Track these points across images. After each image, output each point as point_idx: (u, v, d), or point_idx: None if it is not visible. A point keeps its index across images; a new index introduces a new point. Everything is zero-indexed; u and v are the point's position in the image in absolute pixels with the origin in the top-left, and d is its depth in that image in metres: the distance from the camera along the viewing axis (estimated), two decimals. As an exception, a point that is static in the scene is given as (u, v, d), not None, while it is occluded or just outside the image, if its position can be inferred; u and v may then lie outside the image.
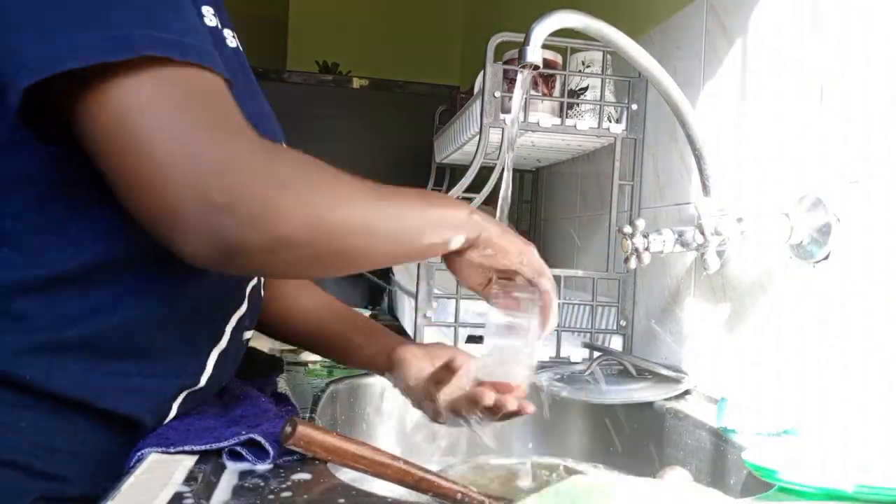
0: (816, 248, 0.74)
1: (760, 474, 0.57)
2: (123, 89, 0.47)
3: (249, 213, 0.48)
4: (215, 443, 0.56)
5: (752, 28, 0.88)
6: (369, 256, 0.59)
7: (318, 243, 0.53)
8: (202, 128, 0.48)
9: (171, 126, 0.47)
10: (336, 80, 2.03)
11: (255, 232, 0.49)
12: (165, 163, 0.47)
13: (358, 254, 0.57)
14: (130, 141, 0.47)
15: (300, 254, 0.52)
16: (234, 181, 0.48)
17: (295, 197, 0.51)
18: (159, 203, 0.48)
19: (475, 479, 0.88)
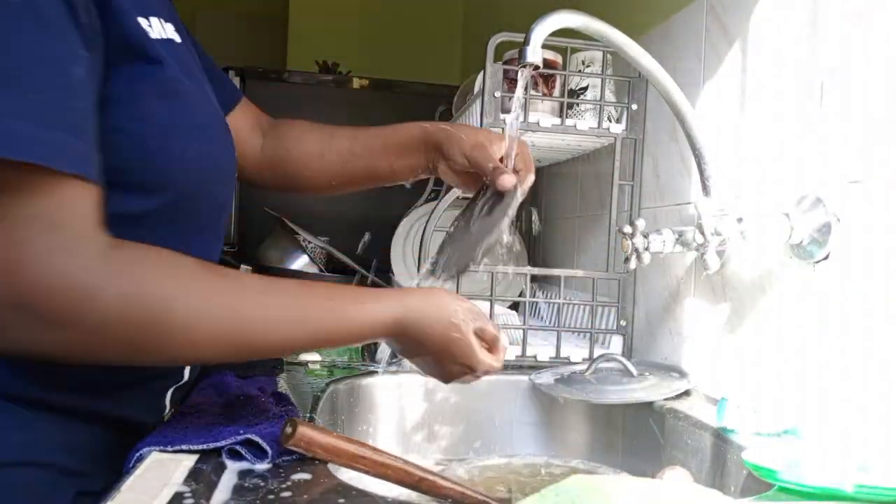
0: (816, 248, 0.74)
1: (760, 474, 0.56)
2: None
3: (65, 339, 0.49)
4: (213, 442, 0.56)
5: (752, 28, 0.88)
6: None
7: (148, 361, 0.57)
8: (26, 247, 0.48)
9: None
10: (336, 80, 2.03)
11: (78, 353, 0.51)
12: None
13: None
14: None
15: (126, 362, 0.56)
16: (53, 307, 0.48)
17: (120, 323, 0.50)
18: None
19: (475, 479, 0.88)
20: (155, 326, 0.51)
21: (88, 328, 0.49)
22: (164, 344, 0.52)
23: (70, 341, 0.49)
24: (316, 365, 1.07)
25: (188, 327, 0.52)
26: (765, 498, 0.55)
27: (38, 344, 0.49)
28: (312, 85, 1.98)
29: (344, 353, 1.20)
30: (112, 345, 0.51)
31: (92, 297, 0.48)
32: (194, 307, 0.52)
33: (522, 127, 1.09)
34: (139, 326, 0.50)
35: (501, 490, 0.83)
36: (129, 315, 0.50)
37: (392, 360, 1.02)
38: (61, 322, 0.48)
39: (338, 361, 1.11)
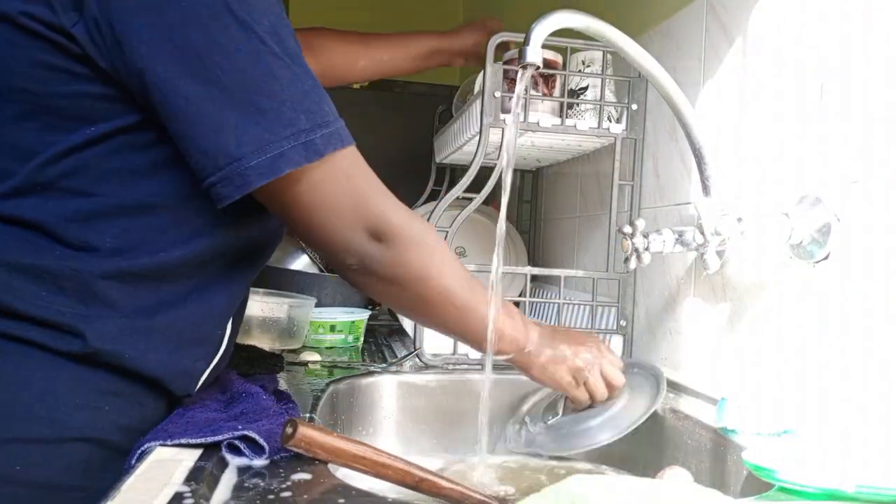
0: (816, 248, 0.74)
1: (760, 474, 0.57)
2: (308, 186, 0.65)
3: (390, 250, 0.70)
4: (212, 436, 0.56)
5: (752, 28, 0.88)
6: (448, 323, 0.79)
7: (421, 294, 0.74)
8: (366, 190, 0.69)
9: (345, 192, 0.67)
10: (336, 81, 2.03)
11: (386, 267, 0.71)
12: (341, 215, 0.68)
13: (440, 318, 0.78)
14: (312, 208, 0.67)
15: (402, 292, 0.74)
16: (387, 225, 0.69)
17: (420, 251, 0.72)
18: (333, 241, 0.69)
19: (475, 479, 0.88)
20: (437, 252, 0.74)
21: (405, 247, 0.70)
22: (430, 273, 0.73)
23: (397, 254, 0.70)
24: (316, 365, 1.07)
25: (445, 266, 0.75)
26: (765, 498, 0.55)
27: (378, 258, 0.70)
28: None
29: (344, 353, 1.20)
30: (414, 261, 0.72)
31: (407, 224, 0.70)
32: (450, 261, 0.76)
33: (522, 127, 1.09)
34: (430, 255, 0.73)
35: (502, 490, 0.84)
36: (428, 240, 0.73)
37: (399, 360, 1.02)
38: (396, 239, 0.69)
39: (338, 361, 1.11)
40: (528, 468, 0.92)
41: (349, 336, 1.28)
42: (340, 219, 0.67)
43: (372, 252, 0.69)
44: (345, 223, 0.67)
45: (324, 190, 0.66)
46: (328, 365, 1.08)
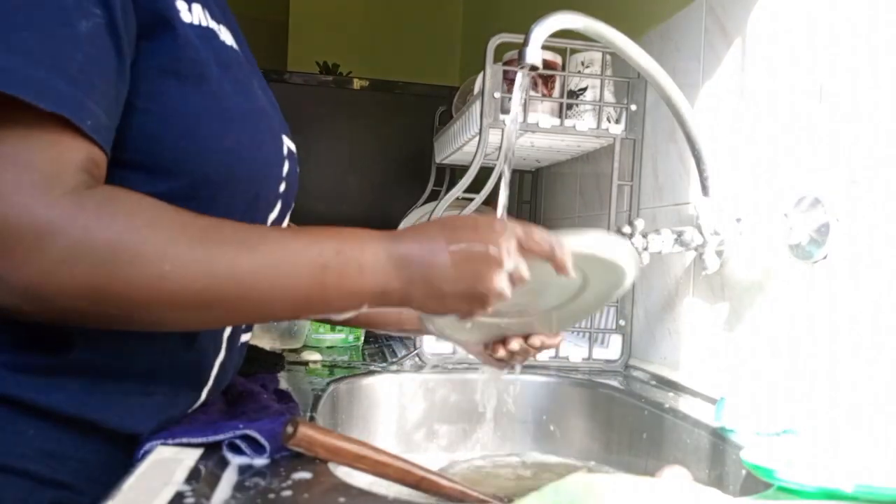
0: (815, 248, 0.74)
1: (759, 474, 0.57)
2: None
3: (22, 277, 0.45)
4: (213, 435, 0.56)
5: (751, 28, 0.89)
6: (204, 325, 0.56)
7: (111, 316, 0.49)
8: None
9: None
10: (336, 81, 2.03)
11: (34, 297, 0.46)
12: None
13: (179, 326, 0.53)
14: None
15: (91, 320, 0.50)
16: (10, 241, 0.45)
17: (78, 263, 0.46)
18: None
19: (475, 478, 0.88)
20: (120, 253, 0.47)
21: (51, 261, 0.45)
22: (128, 275, 0.47)
23: (34, 277, 0.45)
24: (317, 364, 1.07)
25: (156, 253, 0.48)
26: (764, 497, 0.55)
27: (3, 286, 0.46)
28: (313, 86, 1.98)
29: (345, 352, 1.20)
30: (76, 277, 0.46)
31: (52, 232, 0.45)
32: (164, 235, 0.48)
33: (522, 127, 1.09)
34: (104, 254, 0.46)
35: (502, 489, 0.84)
36: (93, 239, 0.46)
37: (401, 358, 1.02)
38: (25, 256, 0.45)
39: (338, 361, 1.11)
40: (529, 468, 0.92)
41: (350, 335, 1.28)
42: None
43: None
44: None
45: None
46: (329, 364, 1.08)
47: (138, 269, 0.47)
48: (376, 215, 1.86)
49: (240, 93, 0.63)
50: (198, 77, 0.57)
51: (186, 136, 0.56)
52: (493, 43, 1.04)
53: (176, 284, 0.48)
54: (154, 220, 0.49)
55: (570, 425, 1.01)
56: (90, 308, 0.47)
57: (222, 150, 0.58)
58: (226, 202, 0.60)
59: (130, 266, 0.47)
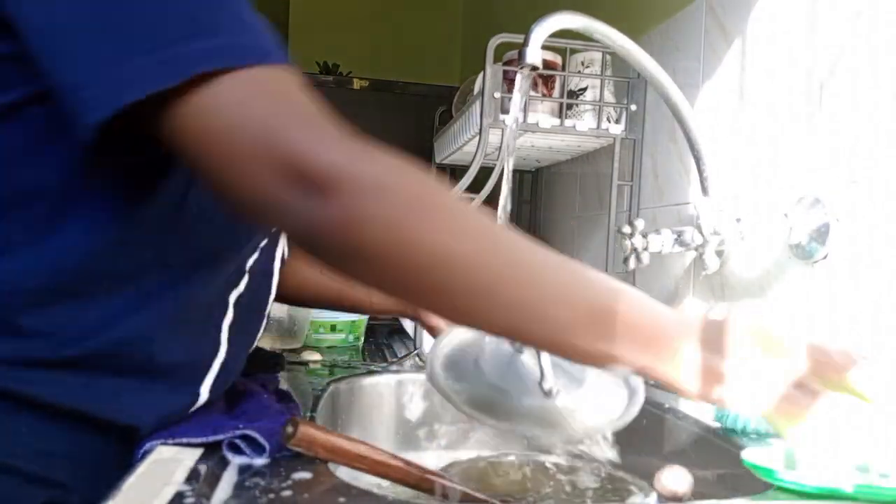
0: (815, 248, 0.74)
1: (760, 474, 0.57)
2: (191, 112, 0.47)
3: (329, 205, 0.45)
4: (213, 435, 0.56)
5: (751, 28, 0.89)
6: (472, 314, 0.50)
7: (404, 269, 0.47)
8: (276, 116, 0.47)
9: (243, 122, 0.47)
10: (336, 81, 2.03)
11: (334, 233, 0.46)
12: (244, 156, 0.46)
13: (456, 304, 0.49)
14: (209, 146, 0.47)
15: (379, 271, 0.48)
16: (314, 169, 0.45)
17: (381, 207, 0.46)
18: (250, 197, 0.47)
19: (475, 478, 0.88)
20: (422, 207, 0.47)
21: (347, 198, 0.45)
22: (432, 228, 0.47)
23: (323, 213, 0.45)
24: (317, 364, 1.08)
25: (457, 209, 0.48)
26: (764, 497, 0.55)
27: (319, 218, 0.46)
28: (313, 86, 1.97)
29: (345, 352, 1.20)
30: (382, 212, 0.46)
31: (348, 163, 0.46)
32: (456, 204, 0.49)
33: (522, 128, 1.09)
34: (404, 203, 0.47)
35: (502, 489, 0.84)
36: (392, 187, 0.47)
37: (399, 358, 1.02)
38: (318, 186, 0.45)
39: (338, 361, 1.11)
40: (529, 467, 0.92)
41: (350, 335, 1.28)
42: (242, 163, 0.46)
43: (305, 210, 0.45)
44: (249, 169, 0.46)
45: (207, 124, 0.47)
46: (329, 364, 1.08)
47: (447, 220, 0.48)
48: (376, 215, 1.86)
49: None
50: None
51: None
52: (493, 43, 1.04)
53: (469, 248, 0.47)
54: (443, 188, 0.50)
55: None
56: (394, 252, 0.46)
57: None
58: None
59: (436, 214, 0.48)
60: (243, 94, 0.47)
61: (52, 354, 0.55)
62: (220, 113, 0.47)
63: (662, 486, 0.67)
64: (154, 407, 0.61)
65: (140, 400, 0.60)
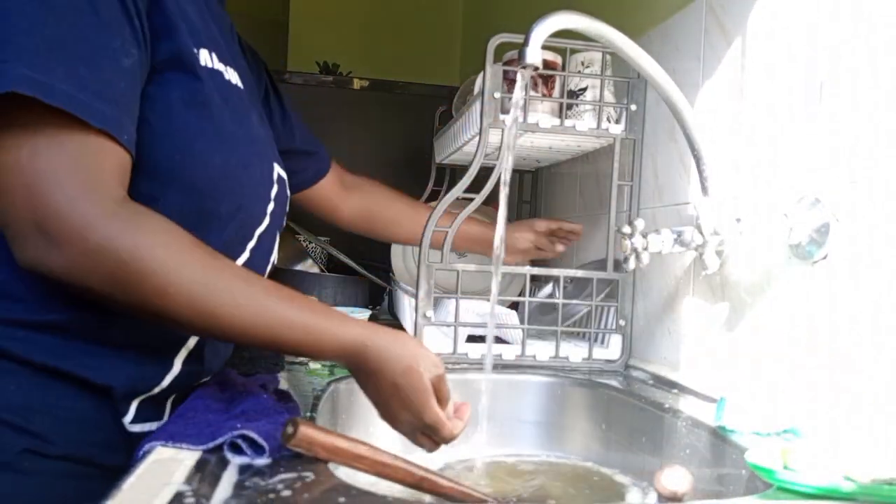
0: (815, 248, 0.74)
1: (760, 474, 0.57)
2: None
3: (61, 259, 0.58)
4: (211, 440, 0.56)
5: (751, 28, 0.89)
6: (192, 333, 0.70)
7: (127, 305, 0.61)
8: (49, 175, 0.57)
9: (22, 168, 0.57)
10: (336, 81, 2.03)
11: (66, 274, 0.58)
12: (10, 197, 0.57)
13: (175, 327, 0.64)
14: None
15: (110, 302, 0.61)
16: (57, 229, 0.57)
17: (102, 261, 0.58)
18: (4, 224, 0.59)
19: (475, 478, 0.88)
20: (135, 264, 0.58)
21: (81, 253, 0.57)
22: (139, 282, 0.59)
23: (66, 262, 0.57)
24: (317, 364, 1.07)
25: (163, 273, 0.59)
26: (764, 497, 0.55)
27: (44, 260, 0.58)
28: (313, 86, 1.98)
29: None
30: (98, 271, 0.58)
31: (89, 227, 0.57)
32: (174, 260, 0.60)
33: (522, 128, 1.09)
34: (121, 261, 0.58)
35: (501, 489, 0.84)
36: (116, 247, 0.58)
37: None
38: (63, 243, 0.57)
39: (338, 361, 1.11)
40: (529, 467, 0.92)
41: (349, 336, 1.28)
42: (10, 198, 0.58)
43: (37, 248, 0.58)
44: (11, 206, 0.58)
45: (5, 148, 0.58)
46: (329, 364, 1.08)
47: (147, 281, 0.59)
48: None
49: (235, 121, 0.74)
50: (201, 105, 0.69)
51: (182, 150, 0.68)
52: (493, 43, 1.04)
53: (175, 303, 0.60)
54: (170, 243, 0.60)
55: (569, 425, 1.01)
56: (111, 295, 0.59)
57: (211, 164, 0.70)
58: (210, 208, 0.71)
59: (140, 277, 0.58)
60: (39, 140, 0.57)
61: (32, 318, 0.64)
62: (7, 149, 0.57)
63: (662, 486, 0.67)
64: (125, 372, 0.69)
65: (112, 364, 0.68)
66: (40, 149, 0.57)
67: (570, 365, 1.09)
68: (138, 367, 0.71)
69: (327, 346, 0.65)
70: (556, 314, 1.10)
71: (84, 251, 0.57)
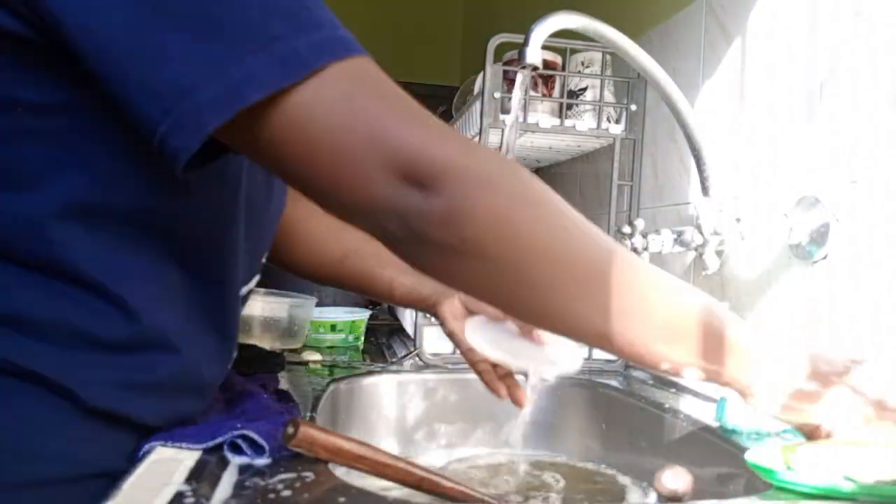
0: (815, 248, 0.74)
1: (761, 474, 0.57)
2: (305, 109, 0.45)
3: (439, 206, 0.46)
4: (210, 440, 0.56)
5: (751, 28, 0.89)
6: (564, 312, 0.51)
7: (499, 262, 0.48)
8: (382, 114, 0.46)
9: (348, 121, 0.45)
10: (336, 81, 2.03)
11: (442, 225, 0.46)
12: (352, 157, 0.45)
13: (553, 301, 0.50)
14: (313, 149, 0.46)
15: (482, 266, 0.48)
16: (424, 163, 0.46)
17: (488, 198, 0.46)
18: (355, 199, 0.47)
19: (475, 478, 0.88)
20: (530, 192, 0.49)
21: (452, 193, 0.46)
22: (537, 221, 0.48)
23: (436, 207, 0.46)
24: (317, 364, 1.08)
25: (548, 199, 0.50)
26: (764, 497, 0.55)
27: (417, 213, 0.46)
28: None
29: (345, 352, 1.20)
30: (479, 211, 0.46)
31: (456, 156, 0.46)
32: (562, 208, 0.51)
33: (522, 128, 1.09)
34: (514, 192, 0.48)
35: (501, 489, 0.84)
36: (501, 177, 0.48)
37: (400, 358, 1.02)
38: (430, 181, 0.46)
39: (338, 361, 1.11)
40: (529, 467, 0.92)
41: (350, 335, 1.28)
42: (353, 161, 0.45)
43: (413, 204, 0.46)
44: (359, 167, 0.45)
45: (319, 121, 0.45)
46: (329, 364, 1.08)
47: (548, 216, 0.49)
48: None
49: None
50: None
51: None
52: (493, 43, 1.04)
53: (569, 245, 0.49)
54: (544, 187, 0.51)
55: (570, 425, 1.01)
56: (494, 243, 0.47)
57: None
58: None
59: (543, 208, 0.49)
60: (349, 89, 0.46)
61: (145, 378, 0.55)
62: (328, 112, 0.45)
63: (662, 486, 0.67)
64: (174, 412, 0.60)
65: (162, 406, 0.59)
66: (353, 96, 0.46)
67: (570, 365, 1.09)
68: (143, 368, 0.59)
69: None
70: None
71: (465, 184, 0.46)
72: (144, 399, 0.56)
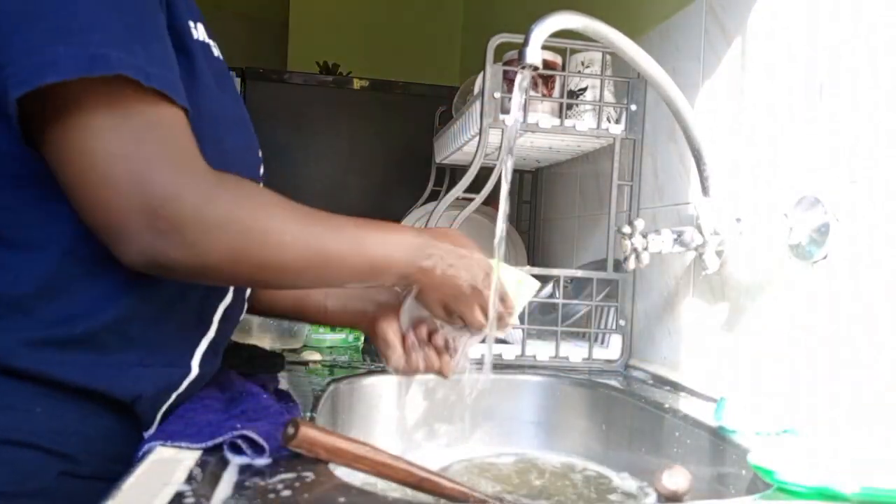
0: (815, 248, 0.74)
1: (761, 474, 0.57)
2: (90, 111, 0.54)
3: (180, 243, 0.56)
4: (210, 440, 0.56)
5: (751, 28, 0.89)
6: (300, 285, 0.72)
7: (242, 275, 0.63)
8: (154, 159, 0.55)
9: (126, 155, 0.54)
10: (336, 81, 2.03)
11: (185, 259, 0.57)
12: (117, 188, 0.54)
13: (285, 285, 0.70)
14: (88, 163, 0.54)
15: (223, 278, 0.64)
16: (173, 213, 0.55)
17: (224, 234, 0.57)
18: (106, 221, 0.56)
19: (476, 478, 0.88)
20: (258, 225, 0.59)
21: (203, 231, 0.56)
22: (263, 244, 0.60)
23: (188, 245, 0.56)
24: (317, 364, 1.08)
25: (281, 227, 0.61)
26: (764, 497, 0.55)
27: (164, 250, 0.56)
28: (313, 86, 1.97)
29: (345, 352, 1.20)
30: (219, 247, 0.57)
31: (206, 204, 0.56)
32: (282, 212, 0.62)
33: (522, 128, 1.09)
34: (245, 228, 0.59)
35: (502, 489, 0.84)
36: (237, 217, 0.58)
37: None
38: (183, 226, 0.55)
39: (339, 361, 1.11)
40: (529, 467, 0.92)
41: (350, 335, 1.28)
42: (113, 191, 0.54)
43: (150, 242, 0.55)
44: (113, 199, 0.54)
45: (105, 134, 0.54)
46: (329, 364, 1.08)
47: (270, 238, 0.60)
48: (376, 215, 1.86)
49: (233, 101, 0.73)
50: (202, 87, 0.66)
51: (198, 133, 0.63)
52: (493, 43, 1.04)
53: (291, 252, 0.61)
54: (272, 203, 0.62)
55: (570, 425, 1.01)
56: (231, 269, 0.60)
57: (220, 151, 0.66)
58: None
59: (264, 236, 0.60)
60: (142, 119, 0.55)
61: (61, 334, 0.61)
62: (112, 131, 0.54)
63: (662, 486, 0.67)
64: (150, 381, 0.66)
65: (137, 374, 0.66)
66: (141, 133, 0.55)
67: (569, 365, 1.09)
68: (161, 372, 0.68)
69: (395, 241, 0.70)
70: (556, 314, 1.10)
71: (205, 229, 0.56)
72: (63, 356, 0.61)
